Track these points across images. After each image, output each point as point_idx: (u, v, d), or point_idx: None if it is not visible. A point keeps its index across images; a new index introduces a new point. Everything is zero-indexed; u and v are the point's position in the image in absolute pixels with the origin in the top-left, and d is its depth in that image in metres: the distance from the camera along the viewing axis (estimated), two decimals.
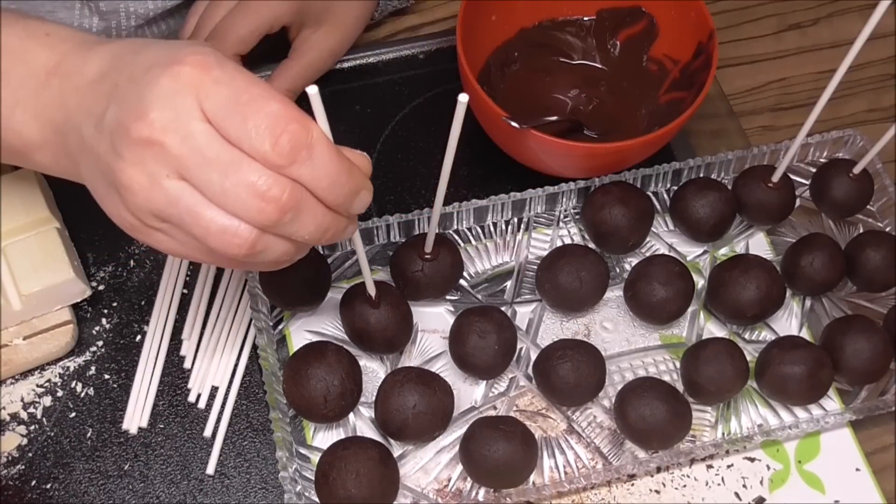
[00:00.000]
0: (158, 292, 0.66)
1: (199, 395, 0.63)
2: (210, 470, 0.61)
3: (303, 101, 0.47)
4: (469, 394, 0.64)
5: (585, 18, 0.76)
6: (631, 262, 0.68)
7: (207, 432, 0.62)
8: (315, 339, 0.64)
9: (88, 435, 0.62)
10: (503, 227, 0.70)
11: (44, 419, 0.62)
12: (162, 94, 0.43)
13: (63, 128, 0.47)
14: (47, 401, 0.62)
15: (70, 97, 0.47)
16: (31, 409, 0.62)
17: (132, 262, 0.68)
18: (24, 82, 0.48)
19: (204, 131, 0.43)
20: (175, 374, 0.64)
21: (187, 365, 0.64)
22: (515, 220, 0.70)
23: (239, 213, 0.43)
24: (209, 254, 0.46)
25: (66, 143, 0.48)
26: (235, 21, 0.67)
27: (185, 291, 0.67)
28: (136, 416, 0.62)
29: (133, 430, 0.62)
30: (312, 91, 0.44)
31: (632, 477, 0.62)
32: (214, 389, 0.63)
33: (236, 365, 0.64)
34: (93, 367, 0.64)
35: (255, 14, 0.67)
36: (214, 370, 0.64)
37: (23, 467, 0.60)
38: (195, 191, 0.43)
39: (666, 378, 0.64)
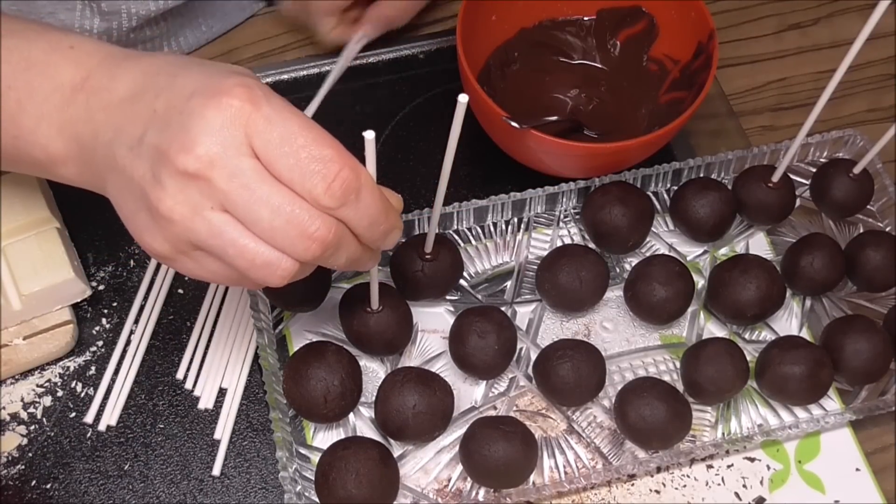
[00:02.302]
0: (151, 291, 0.66)
1: (200, 398, 0.63)
2: (216, 471, 0.61)
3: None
4: (469, 394, 0.64)
5: (585, 18, 0.76)
6: (631, 262, 0.68)
7: (217, 434, 0.62)
8: (315, 339, 0.64)
9: (88, 435, 0.62)
10: (503, 227, 0.70)
11: (44, 419, 0.62)
12: (209, 126, 0.43)
13: (90, 143, 0.47)
14: (47, 401, 0.62)
15: (98, 114, 0.47)
16: (31, 409, 0.62)
17: (132, 262, 0.68)
18: (49, 97, 0.48)
19: (253, 168, 0.43)
20: (175, 373, 0.64)
21: (194, 368, 0.64)
22: (515, 220, 0.70)
23: (284, 249, 0.44)
24: (240, 280, 0.47)
25: (93, 159, 0.47)
26: None
27: (182, 291, 0.67)
28: (108, 412, 0.62)
29: (101, 427, 0.61)
30: (369, 136, 0.45)
31: (632, 477, 0.62)
32: (221, 391, 0.63)
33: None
34: (93, 367, 0.64)
35: None
36: (222, 372, 0.64)
37: (23, 467, 0.60)
38: (238, 223, 0.44)
39: (666, 378, 0.64)
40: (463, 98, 0.47)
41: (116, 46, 0.50)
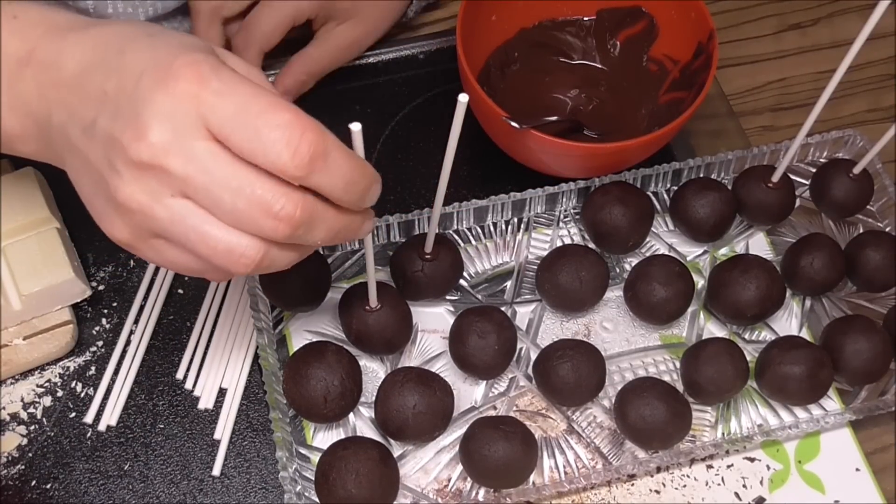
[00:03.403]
0: (151, 291, 0.66)
1: (200, 398, 0.63)
2: (216, 471, 0.61)
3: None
4: (469, 394, 0.64)
5: (585, 18, 0.76)
6: (631, 262, 0.68)
7: (217, 434, 0.62)
8: (315, 339, 0.64)
9: (88, 435, 0.62)
10: (503, 227, 0.70)
11: (44, 419, 0.62)
12: (159, 111, 0.41)
13: (45, 122, 0.46)
14: (47, 401, 0.62)
15: (50, 92, 0.45)
16: (31, 409, 0.62)
17: (132, 262, 0.68)
18: None
19: (209, 150, 0.41)
20: (175, 373, 0.64)
21: (194, 368, 0.64)
22: (515, 220, 0.70)
23: (250, 232, 0.43)
24: (204, 269, 0.45)
25: (50, 137, 0.46)
26: (260, 17, 0.67)
27: (182, 291, 0.67)
28: (108, 412, 0.62)
29: (101, 427, 0.61)
30: (355, 128, 0.43)
31: (632, 477, 0.62)
32: (221, 391, 0.63)
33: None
34: (93, 367, 0.64)
35: (279, 9, 0.67)
36: (222, 372, 0.64)
37: (23, 467, 0.60)
38: (200, 208, 0.42)
39: (666, 378, 0.64)
40: (463, 98, 0.47)
41: (62, 13, 0.48)
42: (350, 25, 0.71)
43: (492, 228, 0.70)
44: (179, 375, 0.64)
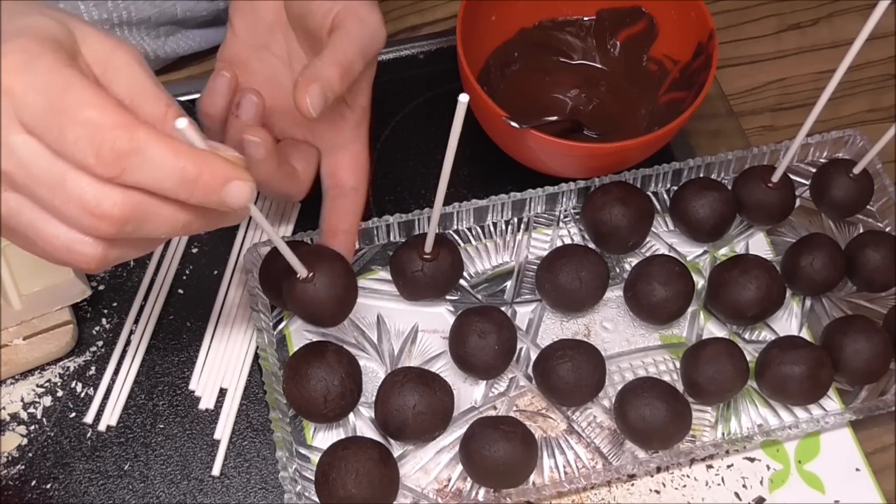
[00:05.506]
0: (151, 291, 0.66)
1: (200, 398, 0.63)
2: (216, 471, 0.61)
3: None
4: (469, 394, 0.64)
5: (585, 18, 0.76)
6: (631, 262, 0.68)
7: (217, 434, 0.62)
8: (315, 339, 0.64)
9: (88, 435, 0.62)
10: (503, 227, 0.70)
11: (44, 419, 0.62)
12: None
13: None
14: (47, 401, 0.62)
15: None
16: (31, 409, 0.62)
17: (132, 262, 0.68)
18: None
19: (26, 144, 0.40)
20: (175, 374, 0.64)
21: (197, 367, 0.64)
22: (515, 220, 0.70)
23: (77, 229, 0.41)
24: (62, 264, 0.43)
25: None
26: (337, 44, 0.56)
27: (182, 291, 0.67)
28: (108, 412, 0.62)
29: (101, 427, 0.61)
30: (182, 125, 0.41)
31: (632, 477, 0.62)
32: (221, 391, 0.63)
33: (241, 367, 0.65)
34: (93, 367, 0.64)
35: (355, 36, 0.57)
36: (223, 372, 0.64)
37: (23, 467, 0.60)
38: (33, 204, 0.41)
39: (666, 378, 0.64)
40: (463, 98, 0.47)
41: None
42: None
43: (492, 228, 0.70)
44: (179, 375, 0.64)
